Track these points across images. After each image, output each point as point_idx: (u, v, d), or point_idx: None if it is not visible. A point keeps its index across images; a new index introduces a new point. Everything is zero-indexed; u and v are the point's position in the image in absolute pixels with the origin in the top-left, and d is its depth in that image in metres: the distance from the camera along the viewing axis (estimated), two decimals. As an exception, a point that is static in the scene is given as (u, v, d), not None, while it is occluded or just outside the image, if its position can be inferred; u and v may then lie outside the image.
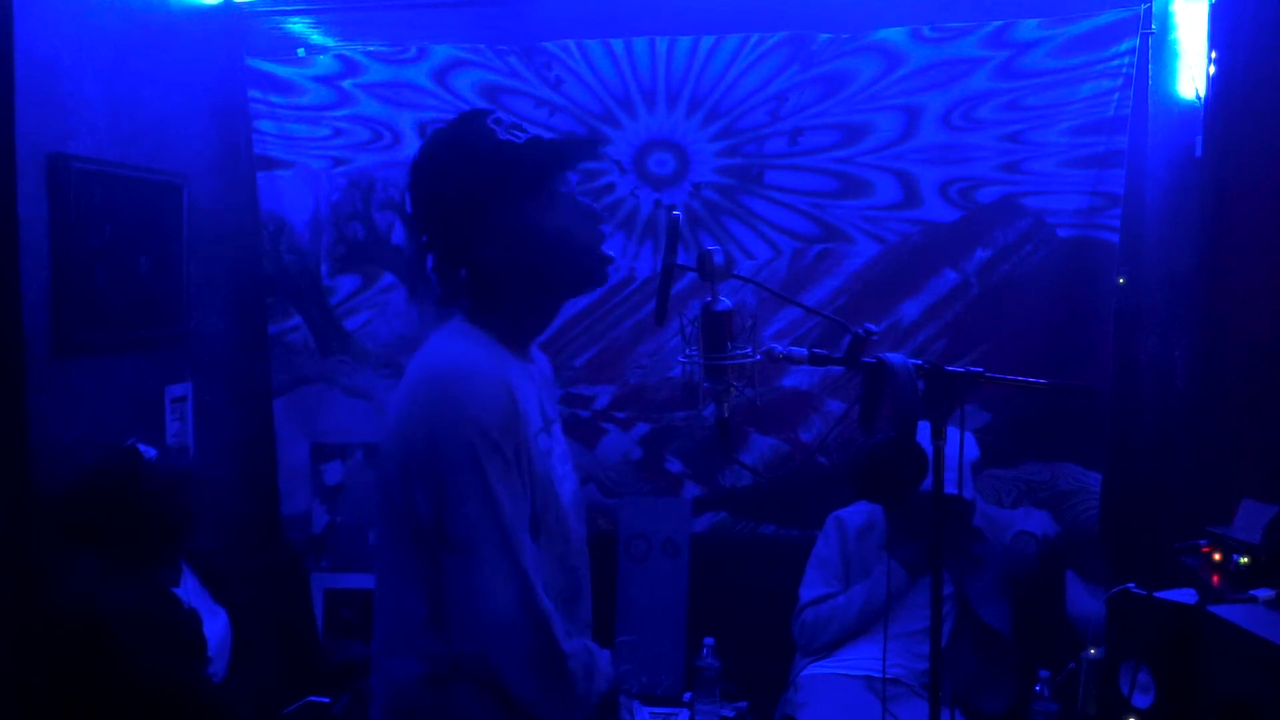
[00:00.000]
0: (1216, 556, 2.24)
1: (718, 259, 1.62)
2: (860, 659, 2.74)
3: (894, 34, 3.04)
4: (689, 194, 3.20)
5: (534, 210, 1.48)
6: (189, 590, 2.47)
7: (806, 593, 2.87)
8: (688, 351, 1.68)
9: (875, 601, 2.75)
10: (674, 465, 3.29)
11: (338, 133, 3.31)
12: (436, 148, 1.51)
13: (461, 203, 1.47)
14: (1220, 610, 1.94)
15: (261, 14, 3.29)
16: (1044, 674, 2.66)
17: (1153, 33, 2.91)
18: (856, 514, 2.91)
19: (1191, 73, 2.77)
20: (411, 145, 3.27)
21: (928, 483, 1.88)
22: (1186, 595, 2.18)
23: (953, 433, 1.92)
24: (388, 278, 3.36)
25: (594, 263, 1.52)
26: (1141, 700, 2.20)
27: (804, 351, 1.83)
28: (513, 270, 1.48)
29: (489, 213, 1.47)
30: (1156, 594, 2.21)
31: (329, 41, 3.30)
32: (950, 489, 1.95)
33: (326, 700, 2.91)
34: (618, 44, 3.16)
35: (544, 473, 1.45)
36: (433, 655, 1.39)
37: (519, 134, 1.49)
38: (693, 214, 3.19)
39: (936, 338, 3.13)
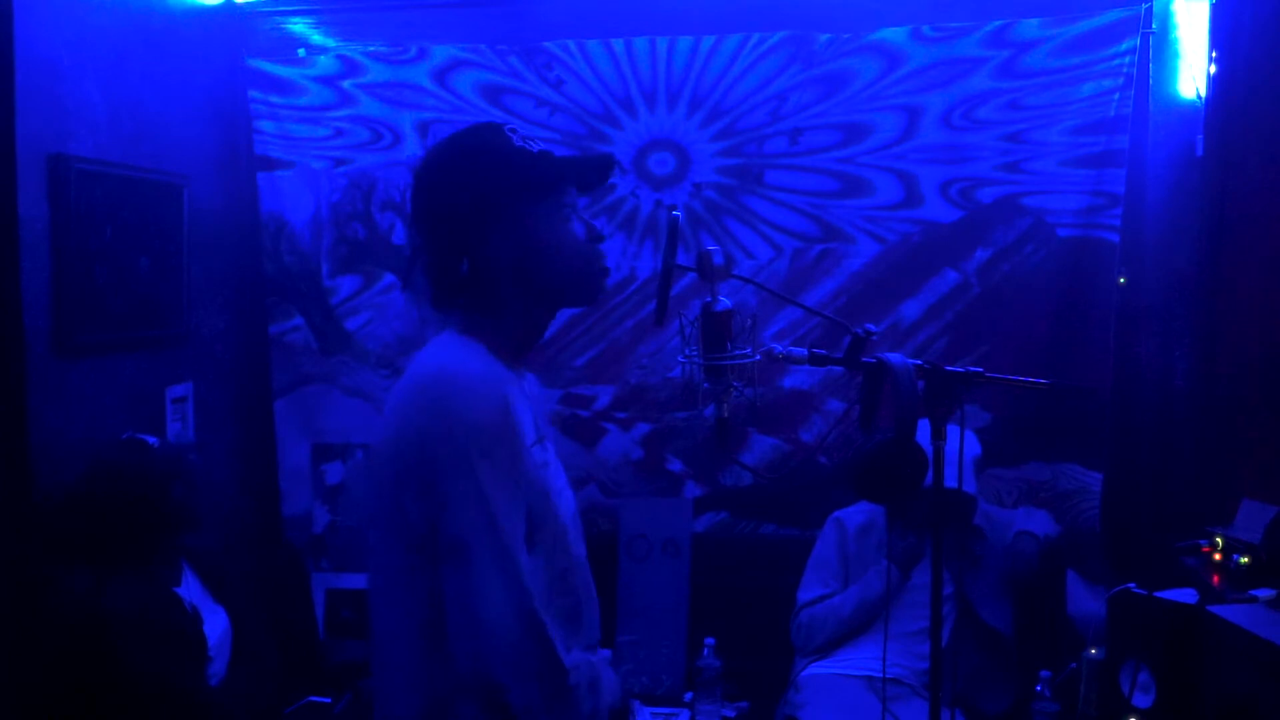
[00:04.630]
0: (1216, 556, 2.25)
1: (717, 259, 1.62)
2: (861, 659, 2.74)
3: (894, 34, 3.04)
4: (689, 194, 3.20)
5: (540, 220, 1.46)
6: (190, 590, 2.47)
7: (804, 594, 2.87)
8: (687, 351, 1.68)
9: (869, 600, 2.75)
10: (674, 465, 3.29)
11: (338, 133, 3.31)
12: (447, 149, 1.50)
13: (468, 205, 1.45)
14: (1220, 610, 1.94)
15: (262, 14, 3.29)
16: (1045, 674, 2.66)
17: (1153, 32, 2.91)
18: (856, 514, 2.91)
19: (1192, 72, 2.77)
20: (412, 145, 3.27)
21: (928, 481, 1.88)
22: (1187, 595, 2.18)
23: (953, 431, 1.92)
24: (388, 278, 3.36)
25: (593, 276, 1.51)
26: (1142, 700, 2.20)
27: (804, 351, 1.83)
28: (513, 278, 1.46)
29: (495, 218, 1.45)
30: (1157, 594, 2.21)
31: (329, 42, 3.30)
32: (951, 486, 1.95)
33: (327, 700, 2.91)
34: (618, 44, 3.16)
35: (540, 485, 1.42)
36: (431, 678, 1.36)
37: (532, 144, 1.49)
38: (693, 214, 3.19)
39: (936, 338, 3.13)
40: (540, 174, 1.47)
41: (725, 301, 1.64)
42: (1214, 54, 2.67)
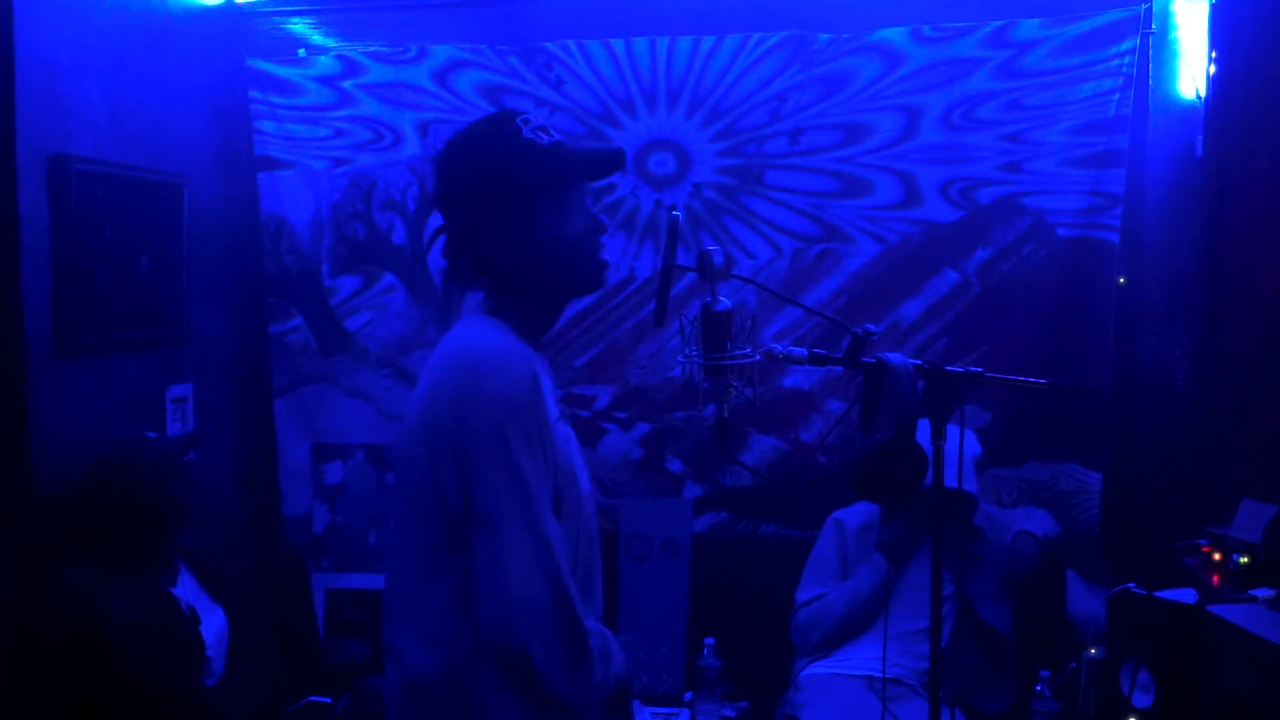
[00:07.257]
0: (1216, 556, 2.24)
1: (717, 259, 1.63)
2: (860, 659, 2.74)
3: (894, 34, 3.04)
4: (689, 194, 3.20)
5: (542, 215, 1.51)
6: (186, 589, 2.47)
7: (802, 593, 2.87)
8: (687, 351, 1.68)
9: (860, 594, 2.75)
10: (674, 465, 3.29)
11: (338, 133, 3.31)
12: (463, 139, 1.55)
13: (474, 197, 1.51)
14: (1220, 610, 1.94)
15: (262, 14, 3.30)
16: (1044, 674, 2.66)
17: (1153, 32, 2.91)
18: (856, 514, 2.91)
19: (1192, 72, 2.77)
20: (412, 145, 3.28)
21: (928, 481, 1.88)
22: (1186, 595, 2.18)
23: (953, 431, 1.92)
24: (388, 278, 3.36)
25: (593, 271, 1.55)
26: (1142, 700, 2.20)
27: (804, 351, 1.83)
28: (519, 269, 1.52)
29: (499, 211, 1.51)
30: (1157, 594, 2.20)
31: (329, 42, 3.31)
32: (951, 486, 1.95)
33: (327, 700, 2.91)
34: (618, 44, 3.16)
35: (565, 459, 1.48)
36: (454, 638, 1.40)
37: (544, 136, 1.52)
38: (693, 214, 3.19)
39: (936, 338, 3.13)
40: (548, 168, 1.50)
41: (725, 301, 1.64)
42: (1214, 54, 2.67)
